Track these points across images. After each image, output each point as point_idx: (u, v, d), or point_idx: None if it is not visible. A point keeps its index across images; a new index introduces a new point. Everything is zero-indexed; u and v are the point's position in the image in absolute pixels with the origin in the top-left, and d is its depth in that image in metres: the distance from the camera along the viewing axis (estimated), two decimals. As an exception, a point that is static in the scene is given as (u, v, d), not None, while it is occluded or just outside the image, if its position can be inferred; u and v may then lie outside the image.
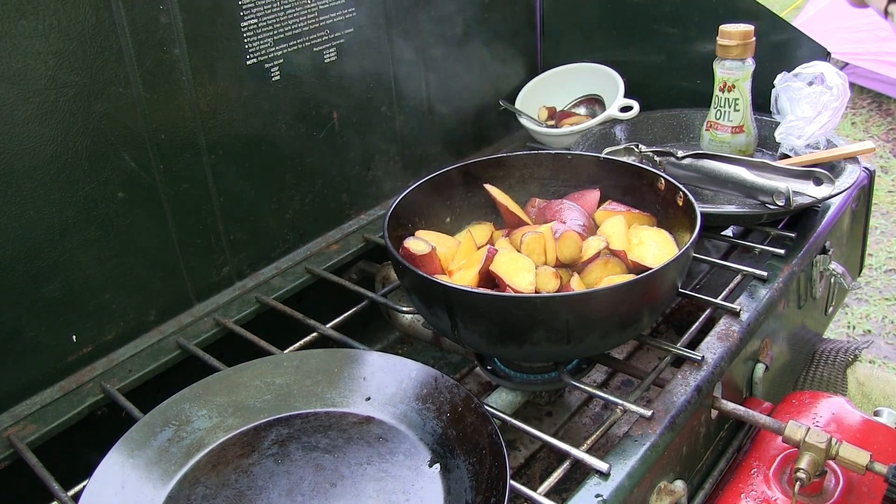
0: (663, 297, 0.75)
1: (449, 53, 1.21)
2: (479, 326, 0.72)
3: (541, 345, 0.71)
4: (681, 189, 0.83)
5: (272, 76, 1.01)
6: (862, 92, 3.81)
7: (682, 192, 0.83)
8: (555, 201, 0.92)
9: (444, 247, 0.86)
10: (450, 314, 0.73)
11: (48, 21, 0.78)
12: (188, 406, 0.75)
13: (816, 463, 0.72)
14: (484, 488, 0.63)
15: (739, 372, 0.89)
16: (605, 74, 1.35)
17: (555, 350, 0.74)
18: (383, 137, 1.21)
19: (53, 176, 0.82)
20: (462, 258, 0.85)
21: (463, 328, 0.73)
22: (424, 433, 0.72)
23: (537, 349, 0.72)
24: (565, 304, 0.69)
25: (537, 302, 0.69)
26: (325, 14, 1.06)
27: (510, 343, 0.73)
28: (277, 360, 0.80)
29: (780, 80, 1.11)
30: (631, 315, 0.73)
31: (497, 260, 0.80)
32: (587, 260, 0.82)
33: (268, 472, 0.70)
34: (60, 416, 0.83)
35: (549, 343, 0.71)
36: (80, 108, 0.83)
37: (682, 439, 0.74)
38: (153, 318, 0.96)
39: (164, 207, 0.93)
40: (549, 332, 0.70)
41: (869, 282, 2.58)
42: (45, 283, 0.84)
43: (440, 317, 0.74)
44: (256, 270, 1.07)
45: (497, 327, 0.72)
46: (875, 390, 1.17)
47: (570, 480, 0.84)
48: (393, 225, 0.84)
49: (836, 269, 1.06)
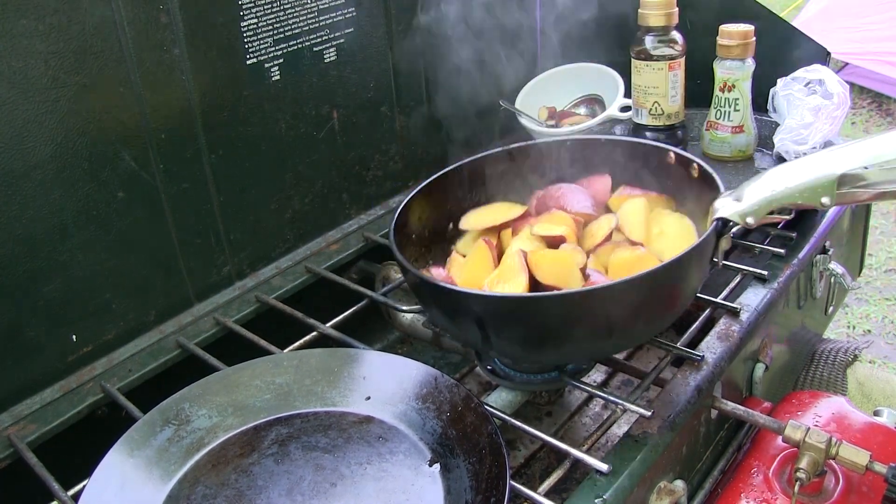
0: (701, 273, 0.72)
1: (449, 53, 1.21)
2: (515, 334, 0.68)
3: (582, 342, 0.68)
4: (694, 160, 0.80)
5: (272, 76, 1.01)
6: (862, 92, 3.81)
7: (696, 162, 0.79)
8: (552, 187, 0.87)
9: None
10: (480, 325, 0.68)
11: (48, 21, 0.78)
12: (188, 406, 0.75)
13: (816, 463, 0.72)
14: (484, 488, 0.63)
15: (739, 372, 0.89)
16: (605, 74, 1.35)
17: (597, 346, 0.70)
18: (383, 137, 1.21)
19: (53, 176, 0.82)
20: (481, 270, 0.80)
21: (496, 339, 0.69)
22: (424, 433, 0.72)
23: (578, 347, 0.69)
24: (606, 296, 0.65)
25: (577, 298, 0.65)
26: (325, 14, 1.06)
27: (548, 346, 0.69)
28: (277, 360, 0.80)
29: (781, 84, 1.12)
30: (672, 297, 0.69)
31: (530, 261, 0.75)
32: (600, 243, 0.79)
33: (268, 471, 0.70)
34: (60, 415, 0.83)
35: (590, 339, 0.68)
36: (80, 109, 0.83)
37: (682, 439, 0.74)
38: (153, 317, 0.96)
39: (164, 207, 0.93)
40: (589, 328, 0.67)
41: (869, 282, 2.58)
42: (45, 283, 0.84)
43: (469, 330, 0.70)
44: (256, 270, 1.07)
45: (533, 333, 0.68)
46: (875, 390, 1.17)
47: (570, 480, 0.84)
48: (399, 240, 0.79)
49: (836, 269, 1.06)
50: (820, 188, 0.61)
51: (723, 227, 0.68)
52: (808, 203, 0.62)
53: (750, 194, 0.66)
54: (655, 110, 1.16)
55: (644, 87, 1.15)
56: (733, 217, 0.67)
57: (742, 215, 0.66)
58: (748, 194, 0.66)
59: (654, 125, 1.17)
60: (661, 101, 1.15)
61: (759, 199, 0.65)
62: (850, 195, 0.61)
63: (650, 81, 1.14)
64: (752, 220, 0.66)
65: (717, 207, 0.68)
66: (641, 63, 1.14)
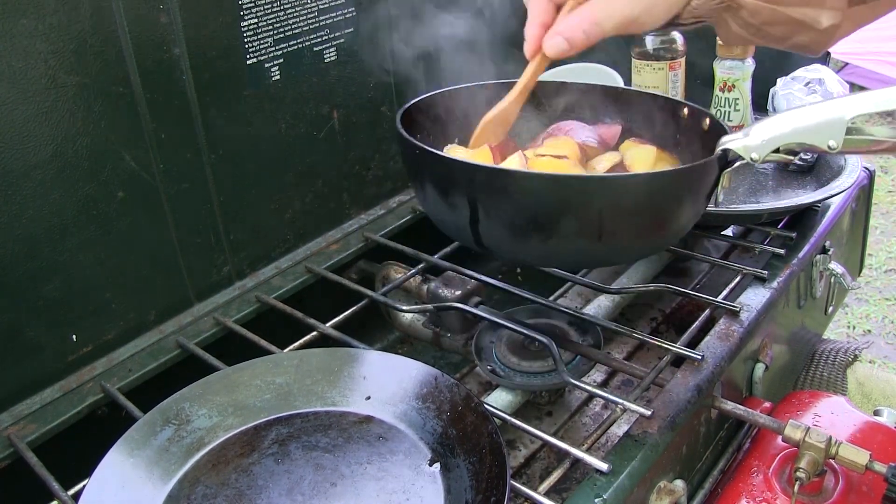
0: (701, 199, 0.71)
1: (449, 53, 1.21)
2: (504, 214, 0.67)
3: (570, 239, 0.67)
4: (708, 113, 0.79)
5: (272, 76, 1.02)
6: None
7: (710, 115, 0.78)
8: (563, 122, 0.86)
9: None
10: (471, 202, 0.67)
11: (48, 21, 0.78)
12: (188, 405, 0.75)
13: (816, 462, 0.72)
14: (484, 487, 0.63)
15: (739, 371, 0.89)
16: (604, 74, 1.35)
17: (584, 247, 0.69)
18: (383, 137, 1.21)
19: (53, 176, 0.82)
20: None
21: (485, 219, 0.67)
22: (424, 432, 0.72)
23: (566, 244, 0.67)
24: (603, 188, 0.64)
25: (573, 182, 0.65)
26: (325, 14, 1.06)
27: (535, 236, 0.67)
28: (277, 360, 0.80)
29: (780, 84, 1.12)
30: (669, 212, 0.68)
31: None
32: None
33: (268, 471, 0.70)
34: (60, 415, 0.83)
35: (578, 237, 0.66)
36: (80, 108, 0.83)
37: (681, 439, 0.74)
38: (153, 317, 0.96)
39: (164, 207, 0.93)
40: (580, 222, 0.65)
41: (869, 282, 2.58)
42: (45, 283, 0.84)
43: (459, 207, 0.68)
44: (256, 270, 1.07)
45: (523, 215, 0.66)
46: (875, 390, 1.17)
47: (570, 480, 0.83)
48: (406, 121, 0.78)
49: (836, 269, 1.06)
50: (827, 130, 0.61)
51: (727, 160, 0.68)
52: (814, 144, 0.62)
53: (757, 130, 0.65)
54: None
55: (644, 87, 1.15)
56: (738, 149, 0.66)
57: (747, 149, 0.65)
58: (755, 130, 0.66)
59: None
60: None
61: (765, 135, 0.64)
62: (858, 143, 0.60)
63: (650, 81, 1.15)
64: (756, 156, 0.65)
65: (724, 140, 0.67)
66: (641, 63, 1.14)
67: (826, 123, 0.61)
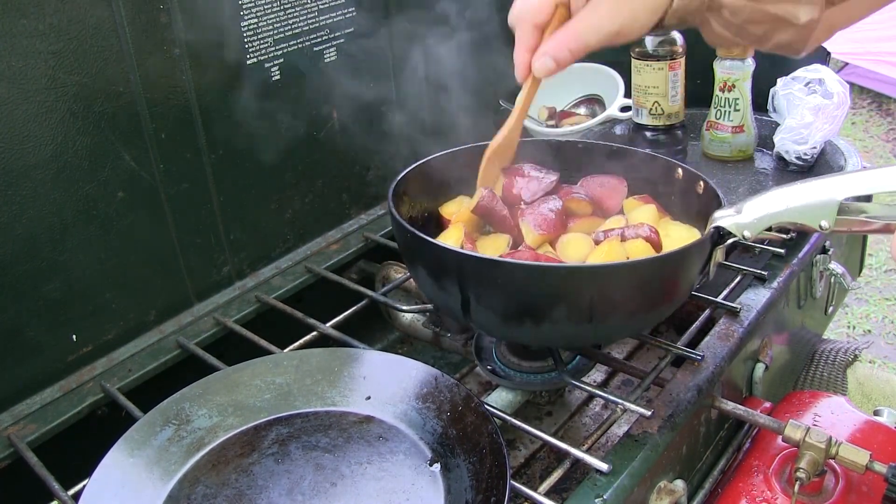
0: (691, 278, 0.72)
1: (449, 53, 1.21)
2: (495, 301, 0.68)
3: (562, 323, 0.67)
4: (701, 177, 0.80)
5: (272, 76, 1.02)
6: (862, 92, 3.82)
7: (703, 179, 0.80)
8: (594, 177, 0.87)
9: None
10: (461, 288, 0.68)
11: (48, 21, 0.78)
12: (188, 405, 0.75)
13: (816, 462, 0.73)
14: (484, 487, 0.63)
15: (739, 371, 0.89)
16: (605, 74, 1.35)
17: (575, 331, 0.70)
18: (383, 137, 1.21)
19: (53, 176, 0.82)
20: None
21: (475, 304, 0.68)
22: (424, 432, 0.72)
23: (558, 328, 0.68)
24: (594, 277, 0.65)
25: (562, 272, 0.66)
26: (325, 14, 1.06)
27: (527, 321, 0.68)
28: (277, 360, 0.80)
29: (781, 84, 1.12)
30: (661, 293, 0.69)
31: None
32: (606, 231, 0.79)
33: (268, 471, 0.70)
34: (60, 415, 0.83)
35: (570, 321, 0.67)
36: (80, 108, 0.83)
37: (682, 439, 0.74)
38: (153, 317, 0.96)
39: (164, 207, 0.93)
40: (571, 309, 0.66)
41: (869, 282, 2.58)
42: (45, 283, 0.84)
43: (450, 292, 0.69)
44: (256, 270, 1.07)
45: (513, 302, 0.67)
46: (875, 390, 1.17)
47: (570, 480, 0.84)
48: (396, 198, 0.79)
49: (836, 269, 1.06)
50: (820, 210, 0.62)
51: (719, 236, 0.69)
52: (806, 223, 0.63)
53: (750, 208, 0.66)
54: (656, 110, 1.16)
55: (644, 87, 1.15)
56: (731, 227, 0.67)
57: (739, 226, 0.66)
58: (748, 208, 0.66)
59: (655, 125, 1.17)
60: (662, 100, 1.15)
61: (758, 213, 0.65)
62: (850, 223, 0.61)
63: (650, 81, 1.15)
64: (748, 234, 0.66)
65: (717, 217, 0.68)
66: (641, 63, 1.14)
67: (818, 204, 0.62)
